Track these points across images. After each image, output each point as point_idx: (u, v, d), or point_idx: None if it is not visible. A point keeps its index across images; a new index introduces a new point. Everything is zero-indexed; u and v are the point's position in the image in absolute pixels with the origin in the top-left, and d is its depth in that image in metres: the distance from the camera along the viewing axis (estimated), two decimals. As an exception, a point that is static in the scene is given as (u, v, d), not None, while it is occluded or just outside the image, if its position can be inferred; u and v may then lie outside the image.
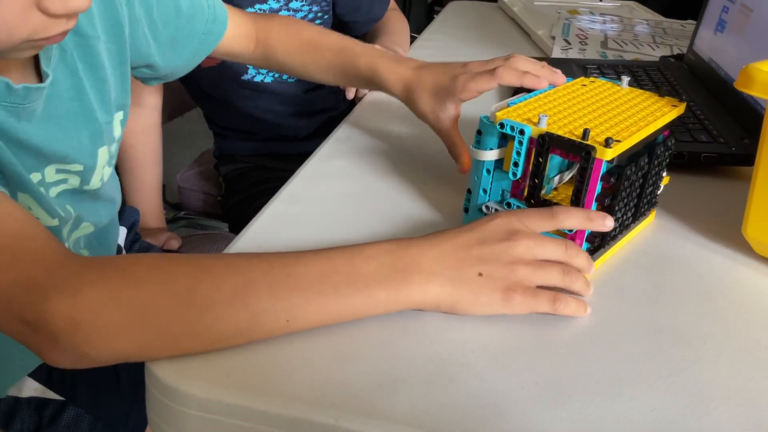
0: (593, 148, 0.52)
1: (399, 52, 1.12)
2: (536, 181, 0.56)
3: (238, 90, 1.20)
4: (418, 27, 1.49)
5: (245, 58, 0.88)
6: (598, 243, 0.57)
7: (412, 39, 1.30)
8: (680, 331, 0.52)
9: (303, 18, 1.13)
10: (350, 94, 1.11)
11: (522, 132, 0.55)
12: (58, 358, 0.46)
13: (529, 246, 0.51)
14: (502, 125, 0.56)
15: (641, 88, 0.68)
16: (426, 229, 0.64)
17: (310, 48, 0.84)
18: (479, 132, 0.59)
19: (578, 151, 0.53)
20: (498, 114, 0.57)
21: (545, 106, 0.60)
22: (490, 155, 0.58)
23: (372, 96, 0.99)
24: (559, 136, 0.54)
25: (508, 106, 0.60)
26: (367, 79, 0.80)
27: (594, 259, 0.56)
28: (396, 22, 1.29)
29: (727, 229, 0.66)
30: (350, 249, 0.50)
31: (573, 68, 1.09)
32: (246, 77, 1.19)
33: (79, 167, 0.66)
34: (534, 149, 0.55)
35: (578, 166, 0.54)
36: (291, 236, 0.62)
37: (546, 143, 0.54)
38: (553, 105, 0.61)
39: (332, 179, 0.73)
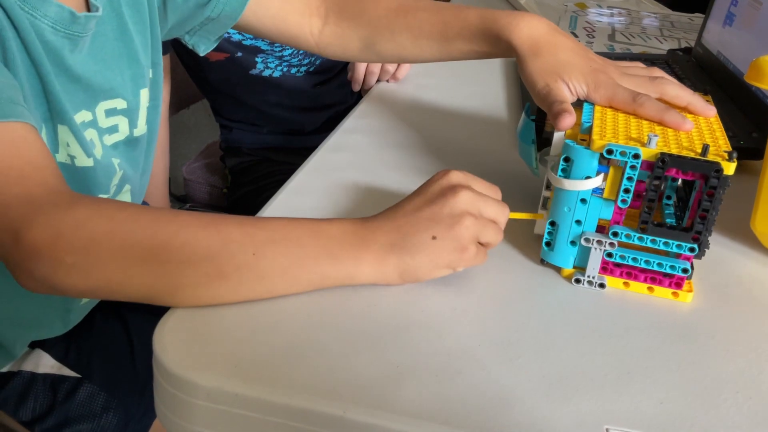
0: (720, 165, 0.50)
1: None
2: (650, 205, 0.52)
3: (246, 84, 1.20)
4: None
5: (308, 41, 0.78)
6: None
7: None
8: (688, 325, 0.52)
9: None
10: (356, 86, 1.11)
11: (636, 156, 0.51)
12: (36, 272, 0.48)
13: (472, 196, 0.52)
14: (610, 151, 0.51)
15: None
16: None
17: (400, 12, 0.73)
18: (567, 159, 0.54)
19: (706, 170, 0.50)
20: (596, 139, 0.52)
21: (616, 120, 0.56)
22: (590, 184, 0.53)
23: (379, 89, 0.99)
24: (680, 156, 0.50)
25: (584, 125, 0.56)
26: (481, 33, 0.69)
27: None
28: None
29: (736, 223, 0.66)
30: (315, 219, 0.52)
31: (580, 61, 1.08)
32: (254, 71, 1.18)
33: (123, 103, 0.69)
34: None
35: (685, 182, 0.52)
36: (298, 228, 0.62)
37: (666, 165, 0.50)
38: (621, 117, 0.57)
39: (339, 171, 0.73)
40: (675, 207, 0.58)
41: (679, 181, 0.58)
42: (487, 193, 0.54)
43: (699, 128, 0.56)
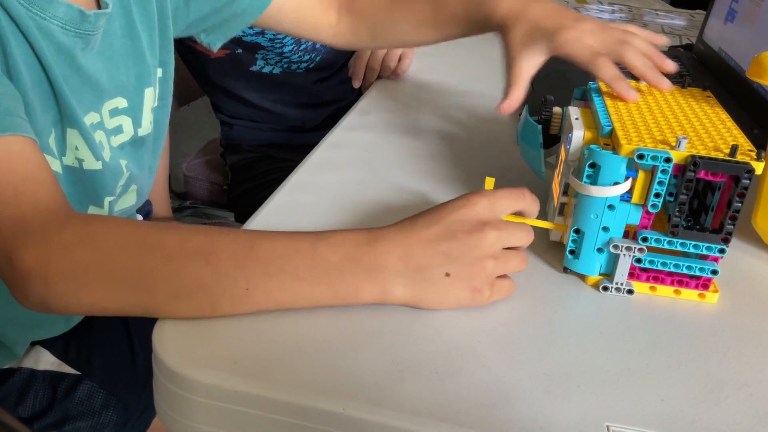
0: (751, 166, 0.49)
1: None
2: (682, 209, 0.51)
3: (246, 81, 1.20)
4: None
5: (327, 33, 0.83)
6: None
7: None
8: (689, 322, 0.52)
9: None
10: (357, 83, 1.10)
11: (668, 160, 0.50)
12: (29, 294, 0.48)
13: (498, 236, 0.49)
14: (641, 156, 0.50)
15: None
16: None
17: (396, 3, 0.80)
18: (592, 165, 0.52)
19: (737, 171, 0.49)
20: (624, 144, 0.51)
21: (634, 121, 0.55)
22: (619, 190, 0.52)
23: (379, 85, 0.99)
24: (711, 158, 0.49)
25: (605, 129, 0.54)
26: (467, 14, 0.74)
27: None
28: None
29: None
30: (317, 234, 0.49)
31: (581, 58, 1.08)
32: (255, 68, 1.18)
33: (123, 102, 0.69)
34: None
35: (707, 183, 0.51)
36: (297, 225, 0.62)
37: (698, 167, 0.50)
38: (639, 118, 0.56)
39: (339, 168, 0.73)
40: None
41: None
42: (512, 206, 0.52)
43: (714, 125, 0.56)
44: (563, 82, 0.99)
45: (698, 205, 0.56)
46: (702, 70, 1.02)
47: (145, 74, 0.71)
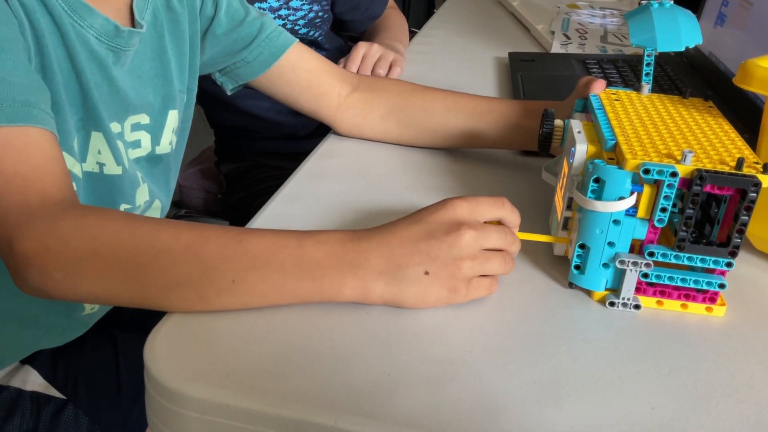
0: (758, 179, 0.49)
1: (399, 48, 1.12)
2: (688, 223, 0.51)
3: (239, 90, 1.20)
4: (417, 22, 1.49)
5: (332, 100, 0.81)
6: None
7: (412, 34, 1.30)
8: (679, 329, 0.52)
9: (303, 17, 1.13)
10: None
11: (674, 174, 0.50)
12: (28, 280, 0.49)
13: (475, 237, 0.51)
14: (647, 171, 0.50)
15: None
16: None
17: (419, 89, 0.82)
18: (597, 180, 0.52)
19: (744, 185, 0.49)
20: (629, 158, 0.50)
21: (638, 135, 0.55)
22: (624, 204, 0.51)
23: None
24: (718, 172, 0.49)
25: (609, 143, 0.54)
26: (490, 107, 0.78)
27: None
28: (394, 18, 1.29)
29: (727, 225, 0.66)
30: (304, 232, 0.51)
31: (572, 63, 1.09)
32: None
33: (146, 119, 0.71)
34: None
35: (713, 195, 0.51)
36: (290, 236, 0.62)
37: (704, 181, 0.49)
38: (642, 132, 0.55)
39: (332, 177, 0.73)
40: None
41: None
42: (491, 212, 0.53)
43: (718, 137, 0.55)
44: (552, 87, 1.00)
45: (701, 217, 0.55)
46: (692, 74, 1.02)
47: (171, 97, 0.74)
